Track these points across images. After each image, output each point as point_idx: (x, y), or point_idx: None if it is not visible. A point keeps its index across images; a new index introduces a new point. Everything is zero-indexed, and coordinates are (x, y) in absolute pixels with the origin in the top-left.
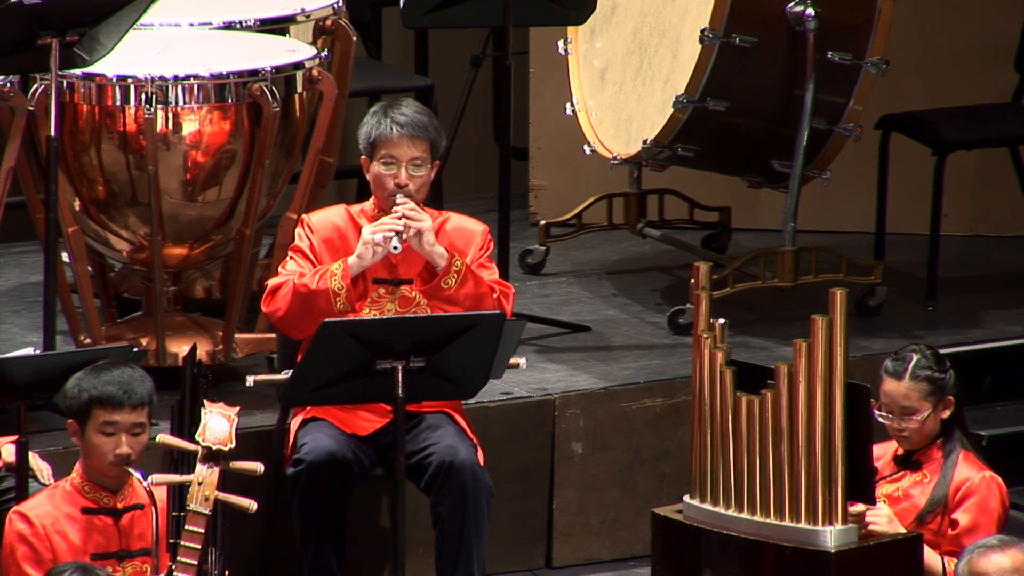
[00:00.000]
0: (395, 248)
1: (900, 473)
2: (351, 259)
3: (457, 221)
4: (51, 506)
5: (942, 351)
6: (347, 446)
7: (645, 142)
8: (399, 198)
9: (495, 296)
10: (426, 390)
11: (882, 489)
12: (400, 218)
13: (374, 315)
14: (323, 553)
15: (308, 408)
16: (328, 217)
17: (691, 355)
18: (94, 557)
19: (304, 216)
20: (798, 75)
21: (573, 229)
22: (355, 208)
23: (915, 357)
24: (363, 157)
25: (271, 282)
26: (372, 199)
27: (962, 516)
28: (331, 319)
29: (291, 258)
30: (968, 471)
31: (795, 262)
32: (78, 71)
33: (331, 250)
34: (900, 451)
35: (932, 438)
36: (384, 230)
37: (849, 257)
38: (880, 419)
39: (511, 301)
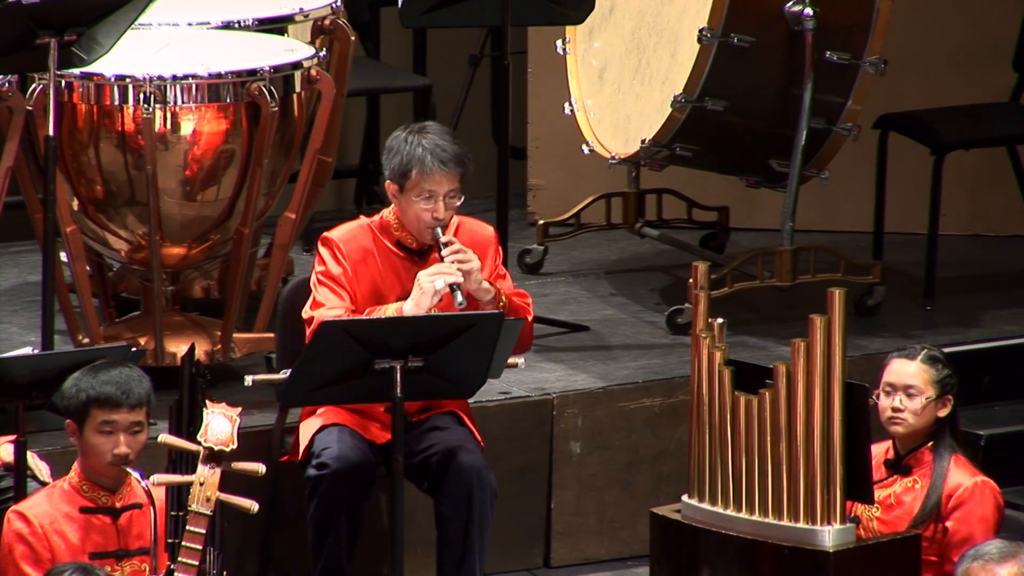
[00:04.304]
0: (460, 304)
1: (891, 478)
2: (407, 307)
3: (468, 225)
4: (49, 505)
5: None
6: (368, 453)
7: (643, 142)
8: (442, 237)
9: (530, 318)
10: (424, 390)
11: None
12: (452, 264)
13: None
14: (336, 556)
15: (324, 411)
16: (355, 238)
17: (689, 355)
18: (92, 556)
19: (329, 236)
20: (796, 74)
21: (571, 229)
22: (375, 221)
23: (926, 349)
24: (388, 182)
25: (315, 313)
26: (392, 211)
27: (955, 525)
28: (329, 319)
29: (325, 285)
30: (960, 476)
31: (793, 262)
32: (76, 71)
33: (364, 273)
34: (890, 454)
35: (923, 438)
36: (443, 278)
37: (847, 257)
38: (879, 401)
39: (532, 309)
